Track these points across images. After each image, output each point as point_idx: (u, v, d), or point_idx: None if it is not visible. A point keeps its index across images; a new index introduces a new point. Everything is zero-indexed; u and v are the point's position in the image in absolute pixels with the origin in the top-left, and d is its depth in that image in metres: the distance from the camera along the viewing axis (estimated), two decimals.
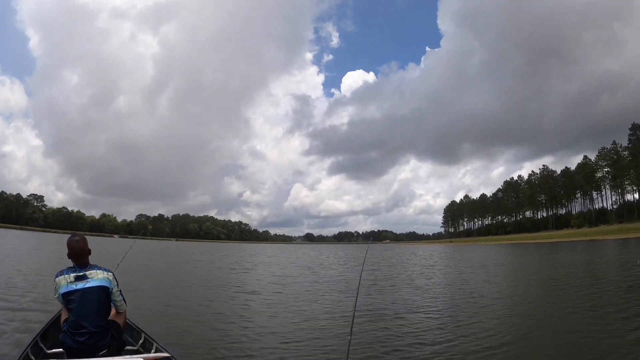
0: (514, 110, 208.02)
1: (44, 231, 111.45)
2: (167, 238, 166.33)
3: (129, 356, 3.25)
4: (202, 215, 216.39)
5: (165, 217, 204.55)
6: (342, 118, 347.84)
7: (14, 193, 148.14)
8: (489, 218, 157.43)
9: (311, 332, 7.89)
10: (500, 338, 7.16)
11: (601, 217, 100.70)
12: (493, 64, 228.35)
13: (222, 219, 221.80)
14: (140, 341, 4.25)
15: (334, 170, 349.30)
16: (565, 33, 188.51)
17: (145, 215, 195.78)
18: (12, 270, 16.89)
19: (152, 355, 3.51)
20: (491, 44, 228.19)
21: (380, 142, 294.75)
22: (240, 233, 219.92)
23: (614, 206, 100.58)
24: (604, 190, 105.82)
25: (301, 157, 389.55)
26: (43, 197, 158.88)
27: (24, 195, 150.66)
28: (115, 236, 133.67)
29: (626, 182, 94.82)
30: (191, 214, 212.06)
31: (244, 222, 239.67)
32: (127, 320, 4.11)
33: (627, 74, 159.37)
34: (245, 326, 8.58)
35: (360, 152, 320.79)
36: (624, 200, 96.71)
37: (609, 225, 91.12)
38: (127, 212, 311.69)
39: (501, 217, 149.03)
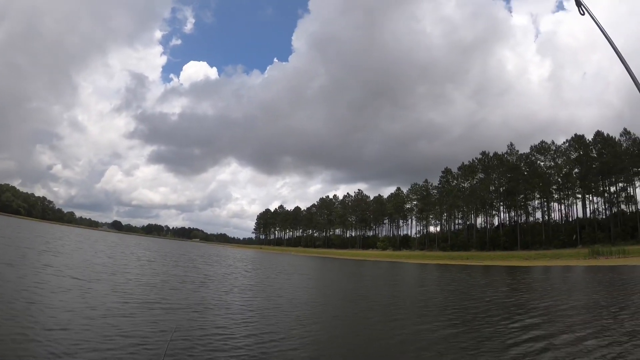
0: (340, 137, 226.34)
1: None
2: None
3: None
4: (4, 183, 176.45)
5: None
6: (175, 108, 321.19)
7: None
8: (300, 230, 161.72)
9: (121, 335, 7.36)
10: (295, 339, 8.09)
11: (405, 242, 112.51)
12: (331, 91, 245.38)
13: (25, 192, 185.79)
14: None
15: (154, 159, 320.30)
16: (402, 81, 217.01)
17: None
18: None
19: None
20: (335, 72, 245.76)
21: (206, 140, 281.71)
22: (42, 210, 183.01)
23: (417, 234, 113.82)
24: (409, 220, 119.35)
25: (123, 139, 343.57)
26: None
27: None
28: None
29: (430, 216, 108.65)
30: None
31: (48, 198, 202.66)
32: None
33: (447, 127, 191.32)
34: (34, 321, 7.76)
35: (184, 145, 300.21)
36: (427, 230, 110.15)
37: (411, 251, 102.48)
38: None
39: (312, 231, 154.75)
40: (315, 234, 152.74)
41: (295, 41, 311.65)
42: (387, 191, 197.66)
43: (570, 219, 78.66)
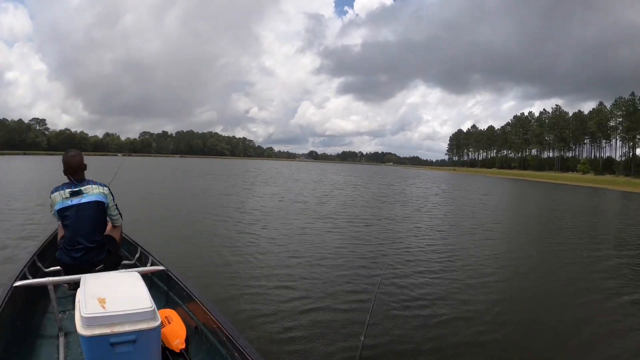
0: (529, 48, 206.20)
1: (47, 154, 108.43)
2: (171, 155, 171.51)
3: (124, 270, 3.11)
4: (207, 131, 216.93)
5: (169, 134, 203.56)
6: (355, 39, 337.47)
7: (16, 119, 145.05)
8: (494, 151, 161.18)
9: (322, 269, 7.05)
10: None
11: (608, 166, 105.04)
12: (515, 0, 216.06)
13: (227, 135, 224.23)
14: (137, 255, 4.17)
15: (343, 90, 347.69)
16: None
17: (149, 132, 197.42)
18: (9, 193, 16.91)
19: (147, 268, 3.41)
20: None
21: (391, 66, 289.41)
22: (244, 149, 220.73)
23: (622, 158, 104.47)
24: (613, 140, 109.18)
25: (311, 75, 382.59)
26: (45, 120, 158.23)
27: (26, 120, 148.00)
28: (119, 155, 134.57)
29: (638, 136, 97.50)
30: (196, 131, 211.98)
31: (248, 138, 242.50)
32: (123, 235, 4.04)
33: None
34: (246, 247, 8.39)
35: (370, 74, 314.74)
36: (634, 153, 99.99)
37: (615, 176, 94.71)
38: (132, 131, 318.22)
39: (507, 151, 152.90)
40: (510, 155, 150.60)
41: None
42: (585, 107, 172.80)
43: None
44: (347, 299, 5.55)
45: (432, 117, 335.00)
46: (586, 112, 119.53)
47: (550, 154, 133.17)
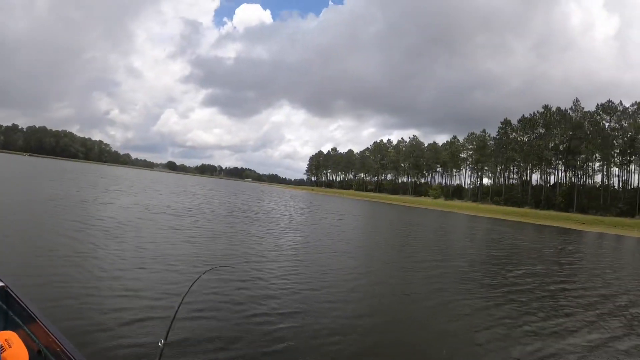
0: (394, 82, 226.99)
1: None
2: (19, 152, 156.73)
3: None
4: (62, 129, 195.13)
5: (20, 127, 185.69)
6: (229, 52, 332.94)
7: None
8: (352, 174, 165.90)
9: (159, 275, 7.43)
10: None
11: (457, 193, 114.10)
12: (388, 37, 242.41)
13: (82, 136, 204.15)
14: None
15: (209, 102, 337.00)
16: (462, 29, 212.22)
17: None
18: None
19: None
20: (392, 18, 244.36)
21: (260, 84, 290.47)
22: (99, 153, 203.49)
23: (470, 186, 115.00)
24: (463, 170, 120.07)
25: (179, 83, 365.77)
26: None
27: None
28: None
29: (485, 168, 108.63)
30: (49, 127, 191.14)
31: (105, 141, 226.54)
32: None
33: (505, 79, 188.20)
34: (93, 262, 8.00)
35: (239, 89, 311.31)
36: (481, 182, 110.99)
37: (464, 202, 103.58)
38: None
39: (364, 175, 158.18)
40: (367, 178, 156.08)
41: None
42: (439, 139, 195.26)
43: (630, 187, 76.56)
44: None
45: (294, 136, 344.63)
46: (440, 144, 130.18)
47: (405, 179, 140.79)
